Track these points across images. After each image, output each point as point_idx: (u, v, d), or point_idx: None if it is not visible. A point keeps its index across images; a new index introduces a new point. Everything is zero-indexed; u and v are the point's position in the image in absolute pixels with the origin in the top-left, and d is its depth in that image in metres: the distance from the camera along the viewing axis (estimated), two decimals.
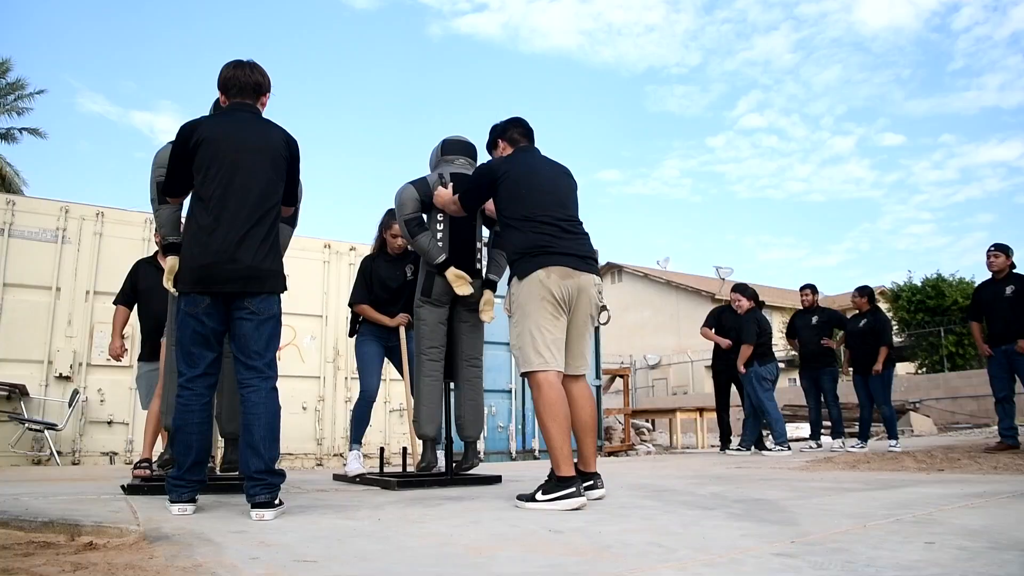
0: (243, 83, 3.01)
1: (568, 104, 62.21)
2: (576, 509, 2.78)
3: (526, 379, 3.11)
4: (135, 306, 4.95)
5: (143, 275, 4.88)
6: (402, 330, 4.66)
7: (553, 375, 3.00)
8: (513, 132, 3.55)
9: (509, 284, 3.22)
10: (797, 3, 54.29)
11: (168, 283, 3.20)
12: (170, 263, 3.19)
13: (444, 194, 3.70)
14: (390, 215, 4.66)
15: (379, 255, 4.79)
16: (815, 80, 54.95)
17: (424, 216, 3.96)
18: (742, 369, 7.55)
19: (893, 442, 7.30)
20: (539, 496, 2.89)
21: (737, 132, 56.00)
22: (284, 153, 2.97)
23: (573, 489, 2.84)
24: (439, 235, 3.93)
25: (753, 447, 7.68)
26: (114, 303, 5.03)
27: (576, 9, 58.37)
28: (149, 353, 4.79)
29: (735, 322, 7.85)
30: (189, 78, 66.40)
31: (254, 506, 2.64)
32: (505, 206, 3.26)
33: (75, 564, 1.79)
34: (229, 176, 2.83)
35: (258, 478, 2.68)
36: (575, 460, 3.05)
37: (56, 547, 2.14)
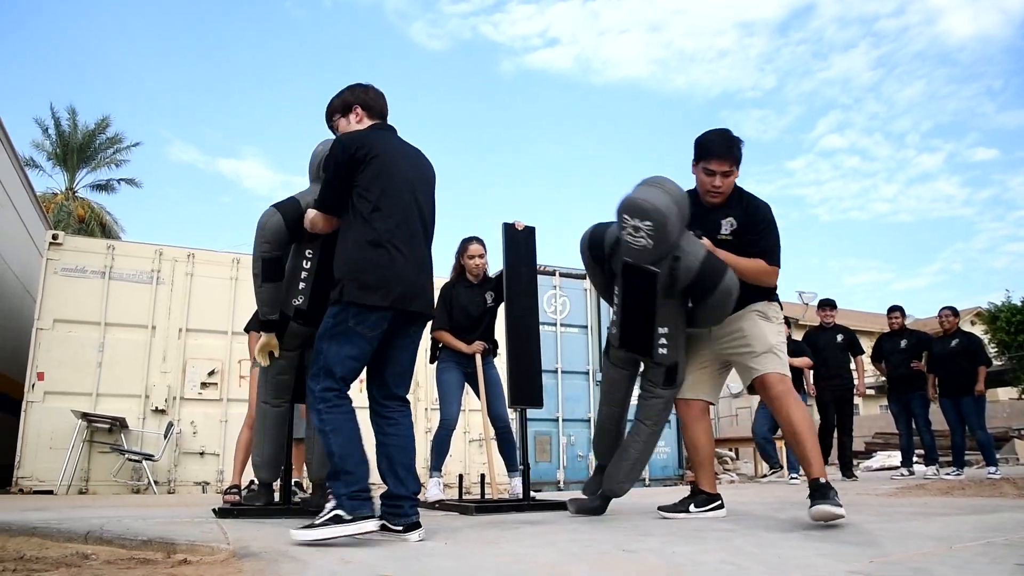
0: (382, 106, 3.03)
1: (643, 133, 62.25)
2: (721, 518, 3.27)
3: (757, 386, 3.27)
4: None
5: None
6: (478, 357, 4.74)
7: None
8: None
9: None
10: (876, 19, 53.14)
11: (261, 357, 3.36)
12: (266, 340, 3.32)
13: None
14: (466, 241, 4.81)
15: (458, 281, 4.90)
16: (898, 97, 53.50)
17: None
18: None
19: (992, 468, 6.94)
20: (692, 508, 3.33)
21: (817, 154, 54.87)
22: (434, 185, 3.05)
23: (720, 503, 3.36)
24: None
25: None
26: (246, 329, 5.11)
27: (647, 39, 58.64)
28: None
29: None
30: (271, 125, 69.38)
31: (408, 527, 2.62)
32: None
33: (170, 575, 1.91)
34: (410, 194, 2.80)
35: (414, 499, 2.72)
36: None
37: (154, 563, 2.28)
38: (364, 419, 2.74)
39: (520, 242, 4.35)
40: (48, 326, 7.50)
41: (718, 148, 3.16)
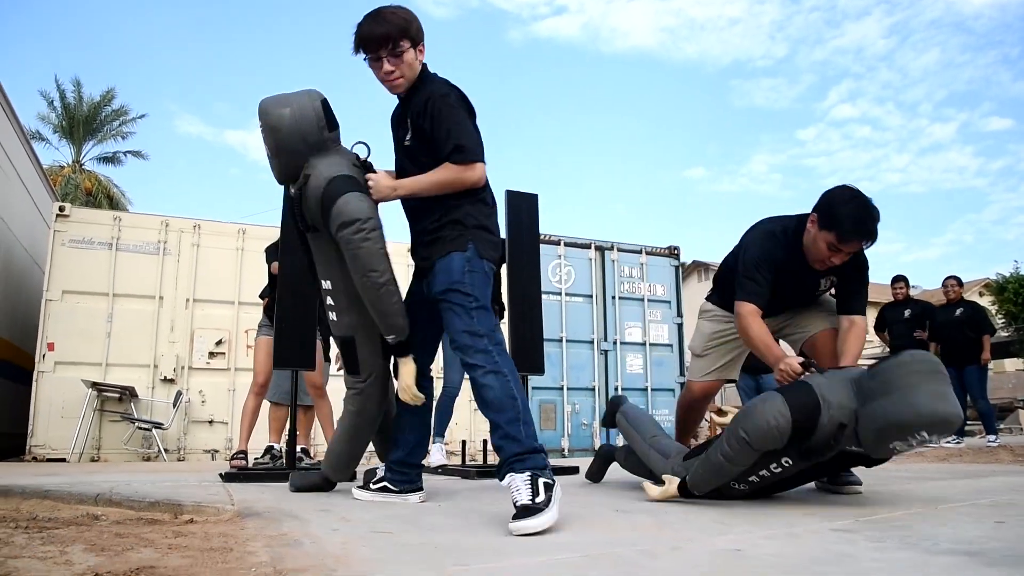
0: None
1: (652, 102, 61.77)
2: None
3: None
4: None
5: None
6: None
7: None
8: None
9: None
10: None
11: (412, 395, 2.58)
12: (411, 368, 2.58)
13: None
14: None
15: None
16: (912, 65, 52.79)
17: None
18: None
19: (992, 437, 6.99)
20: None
21: (828, 124, 54.33)
22: None
23: None
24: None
25: None
26: (261, 296, 5.25)
27: (656, 6, 57.94)
28: None
29: None
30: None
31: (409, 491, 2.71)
32: None
33: (176, 533, 1.98)
34: None
35: (420, 467, 2.81)
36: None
37: (161, 523, 2.35)
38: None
39: (523, 210, 4.37)
40: (57, 297, 7.58)
41: (858, 234, 2.70)
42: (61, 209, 7.75)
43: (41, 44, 49.57)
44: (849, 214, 2.66)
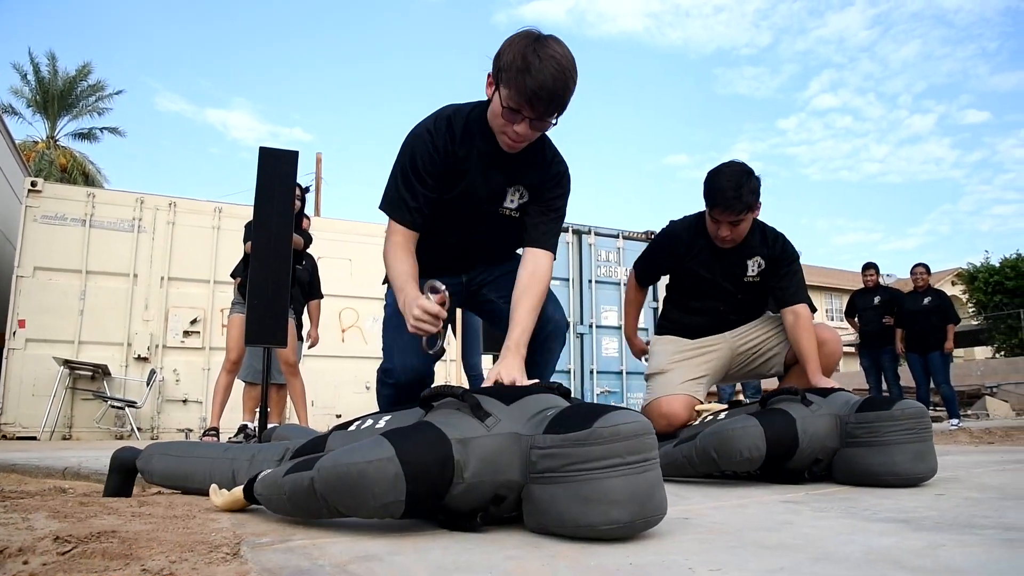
0: None
1: (636, 88, 61.77)
2: None
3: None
4: None
5: None
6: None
7: None
8: None
9: None
10: None
11: None
12: None
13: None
14: None
15: None
16: (892, 57, 53.24)
17: None
18: None
19: (954, 420, 7.15)
20: None
21: (809, 113, 54.70)
22: None
23: None
24: None
25: None
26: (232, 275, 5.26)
27: None
28: None
29: None
30: (261, 75, 68.28)
31: None
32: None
33: (142, 503, 2.00)
34: None
35: None
36: None
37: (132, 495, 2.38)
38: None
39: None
40: (28, 274, 7.52)
41: (723, 199, 2.72)
42: (33, 184, 7.67)
43: (14, 15, 48.61)
44: (716, 183, 2.75)
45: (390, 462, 1.30)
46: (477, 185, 2.08)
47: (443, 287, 1.87)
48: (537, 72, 1.76)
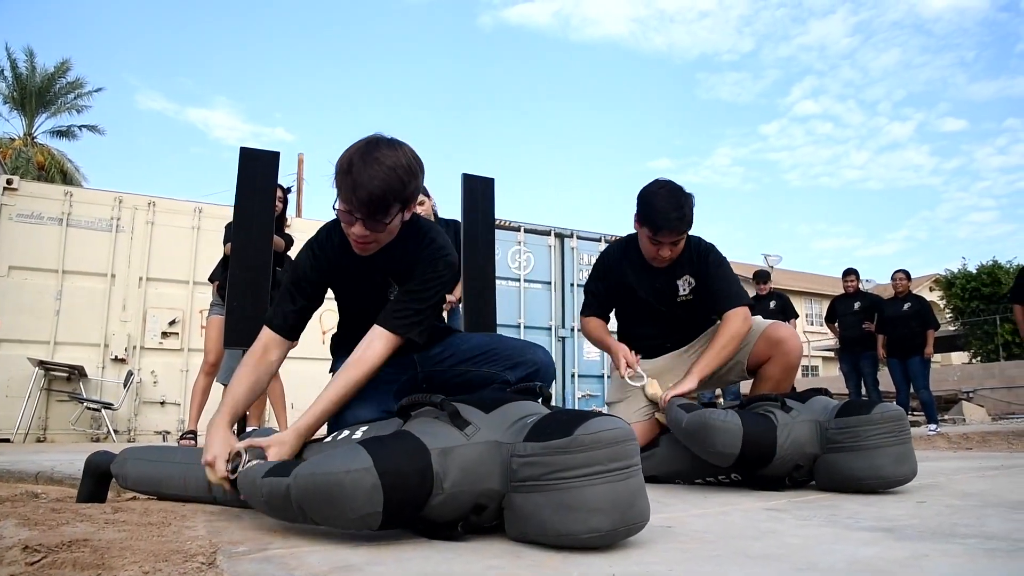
0: None
1: (619, 93, 62.08)
2: None
3: None
4: None
5: None
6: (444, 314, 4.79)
7: None
8: None
9: None
10: None
11: None
12: None
13: None
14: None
15: None
16: (873, 65, 53.84)
17: None
18: None
19: (932, 426, 7.22)
20: None
21: (791, 119, 55.19)
22: None
23: None
24: None
25: None
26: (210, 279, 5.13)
27: None
28: None
29: None
30: (243, 74, 67.86)
31: None
32: None
33: (116, 509, 1.96)
34: None
35: None
36: None
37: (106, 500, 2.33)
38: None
39: (478, 193, 4.37)
40: (3, 273, 7.41)
41: (666, 221, 2.68)
42: (9, 182, 7.55)
43: None
44: (655, 205, 2.69)
45: (367, 472, 1.27)
46: (361, 286, 2.11)
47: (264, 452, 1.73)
48: (358, 174, 1.77)
